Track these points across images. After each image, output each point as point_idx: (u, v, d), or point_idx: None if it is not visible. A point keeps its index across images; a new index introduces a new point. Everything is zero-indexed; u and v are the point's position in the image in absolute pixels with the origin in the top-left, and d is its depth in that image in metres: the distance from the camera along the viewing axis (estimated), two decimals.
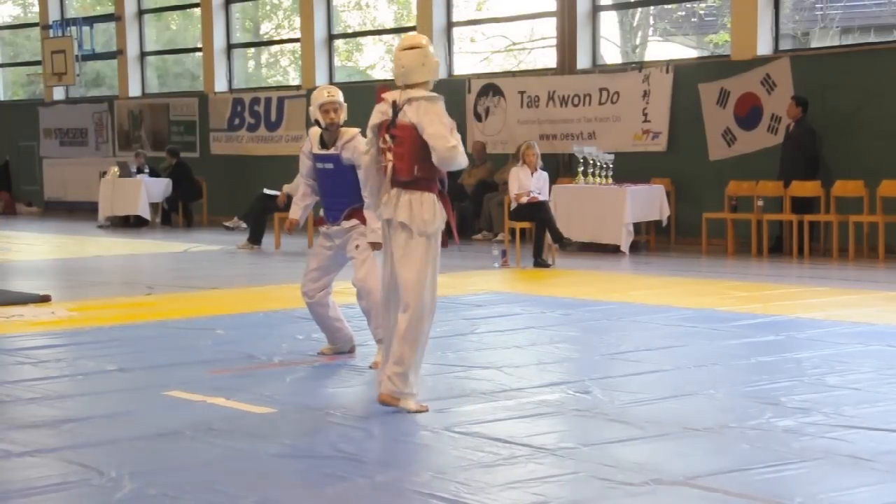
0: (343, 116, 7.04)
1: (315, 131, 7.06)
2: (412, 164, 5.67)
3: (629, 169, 14.62)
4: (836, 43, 15.71)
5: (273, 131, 19.54)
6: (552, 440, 5.19)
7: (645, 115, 15.08)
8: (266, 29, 22.84)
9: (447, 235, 5.86)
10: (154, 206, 19.29)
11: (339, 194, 7.00)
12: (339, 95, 7.08)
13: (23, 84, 25.41)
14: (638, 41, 18.22)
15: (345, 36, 19.98)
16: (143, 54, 22.09)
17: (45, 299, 9.88)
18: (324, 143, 7.00)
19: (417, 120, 5.64)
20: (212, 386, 6.34)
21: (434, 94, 5.74)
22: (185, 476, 4.65)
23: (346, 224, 7.01)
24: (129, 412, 5.83)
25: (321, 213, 7.19)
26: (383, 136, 5.78)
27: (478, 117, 16.83)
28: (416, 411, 5.63)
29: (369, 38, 20.46)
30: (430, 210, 5.71)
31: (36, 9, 24.07)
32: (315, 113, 6.96)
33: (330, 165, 6.98)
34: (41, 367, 7.04)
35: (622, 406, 5.79)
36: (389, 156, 5.72)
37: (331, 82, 18.99)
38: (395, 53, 5.81)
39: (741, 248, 13.79)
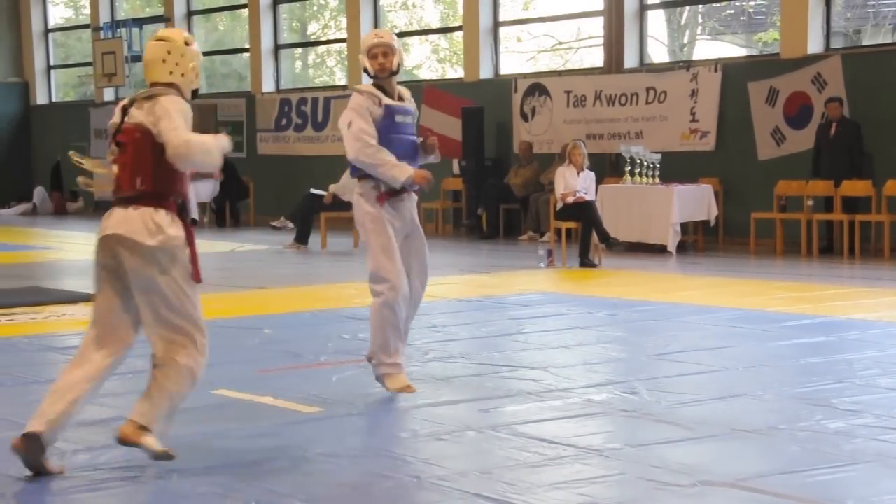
0: (396, 62, 5.96)
1: (366, 86, 6.04)
2: (134, 174, 4.66)
3: (676, 168, 14.53)
4: (889, 40, 15.51)
5: (320, 131, 19.62)
6: (599, 441, 5.17)
7: (693, 114, 14.98)
8: (313, 29, 22.95)
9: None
10: (202, 206, 19.44)
11: (416, 156, 6.13)
12: (392, 38, 6.03)
13: (74, 85, 25.71)
14: (686, 40, 18.10)
15: None
16: None
17: (94, 298, 9.96)
18: (387, 94, 5.99)
19: (143, 119, 4.64)
20: (259, 385, 6.37)
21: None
22: (233, 474, 4.68)
23: (412, 198, 6.19)
24: (178, 410, 5.86)
25: (381, 186, 6.03)
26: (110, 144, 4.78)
27: (524, 117, 16.80)
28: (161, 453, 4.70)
29: (416, 38, 20.48)
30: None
31: (87, 11, 24.35)
32: (364, 61, 5.97)
33: (410, 119, 6.07)
34: None
35: (670, 407, 5.75)
36: (114, 167, 4.74)
37: None
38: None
39: (790, 248, 13.66)
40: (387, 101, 5.93)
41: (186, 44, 4.81)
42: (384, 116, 5.93)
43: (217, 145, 4.68)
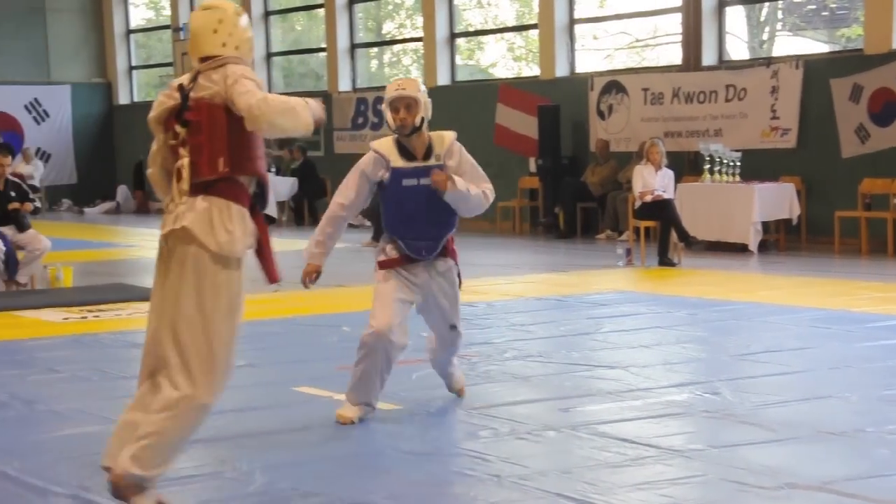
0: (420, 117, 5.39)
1: (384, 142, 5.54)
2: (214, 155, 4.12)
3: (757, 167, 14.32)
4: None
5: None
6: (681, 441, 5.11)
7: (773, 111, 14.75)
8: (388, 28, 23.04)
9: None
10: (280, 205, 19.61)
11: (436, 220, 5.54)
12: (416, 89, 5.41)
13: (155, 85, 26.10)
14: (766, 36, 17.83)
15: (466, 34, 20.01)
16: (269, 55, 22.48)
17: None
18: (406, 153, 5.49)
19: (216, 90, 4.13)
20: (339, 382, 6.39)
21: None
22: (313, 471, 4.71)
23: (440, 264, 5.64)
24: (259, 407, 5.92)
25: (387, 249, 5.63)
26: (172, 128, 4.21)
27: (601, 115, 16.69)
28: None
29: (491, 36, 20.44)
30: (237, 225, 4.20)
31: (167, 12, 24.72)
32: (385, 113, 5.43)
33: (422, 182, 5.44)
34: None
35: (753, 408, 5.66)
36: (183, 152, 4.16)
37: (452, 81, 19.07)
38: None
39: (876, 247, 13.38)
40: (396, 164, 5.43)
41: (237, 15, 4.29)
42: (390, 180, 5.45)
43: (304, 105, 4.14)
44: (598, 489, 4.39)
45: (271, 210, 19.25)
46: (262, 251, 4.37)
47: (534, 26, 18.24)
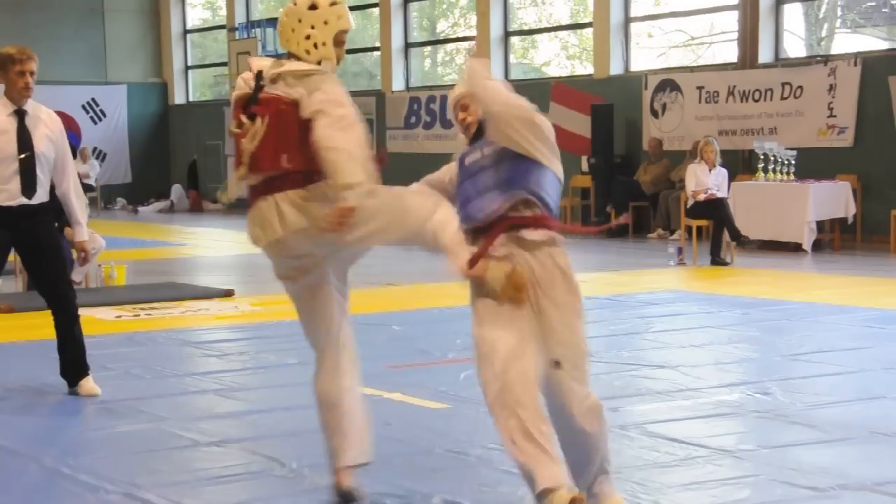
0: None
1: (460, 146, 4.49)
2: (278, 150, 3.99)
3: (813, 165, 14.15)
4: None
5: (448, 129, 19.71)
6: (731, 442, 5.07)
7: (830, 109, 14.57)
8: (442, 27, 23.05)
9: None
10: None
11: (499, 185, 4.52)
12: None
13: (210, 85, 26.34)
14: (824, 33, 17.61)
15: (521, 33, 19.98)
16: None
17: (228, 294, 10.21)
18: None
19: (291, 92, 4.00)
20: (388, 381, 6.42)
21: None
22: (362, 469, 4.72)
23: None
24: (309, 405, 5.90)
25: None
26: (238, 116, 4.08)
27: (654, 114, 16.58)
28: None
29: (545, 34, 20.39)
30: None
31: (223, 12, 24.93)
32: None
33: (479, 155, 4.54)
34: (225, 360, 7.27)
35: (805, 408, 5.60)
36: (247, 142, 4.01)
37: (506, 79, 19.03)
38: None
39: None
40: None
41: (333, 3, 4.06)
42: (458, 169, 4.37)
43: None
44: (647, 489, 4.37)
45: None
46: None
47: (588, 25, 18.17)
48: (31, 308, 9.40)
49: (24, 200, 5.97)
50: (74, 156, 23.42)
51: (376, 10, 21.35)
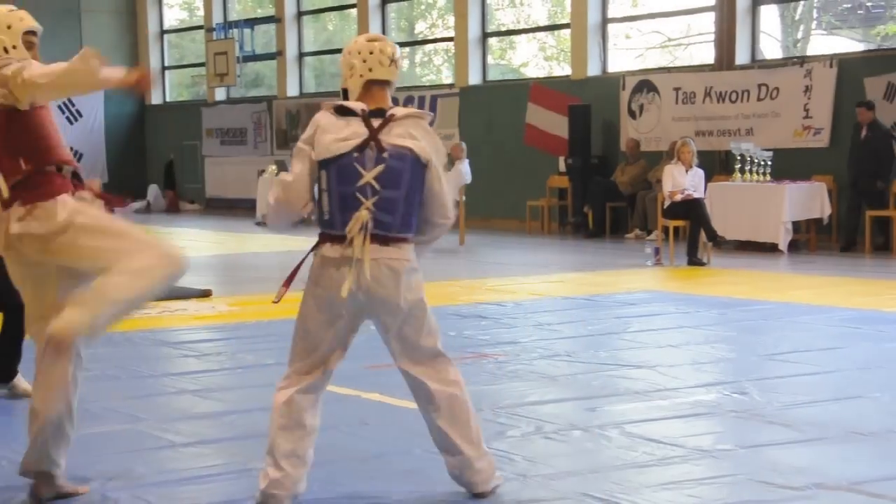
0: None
1: None
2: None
3: (789, 166, 14.23)
4: None
5: None
6: (708, 441, 5.09)
7: (806, 110, 14.66)
8: (420, 28, 23.06)
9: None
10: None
11: None
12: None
13: (187, 85, 26.26)
14: (800, 35, 17.71)
15: (499, 34, 20.00)
16: (301, 55, 22.56)
17: (206, 294, 10.17)
18: None
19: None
20: (367, 381, 6.41)
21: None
22: (340, 469, 4.72)
23: None
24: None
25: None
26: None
27: (632, 114, 16.63)
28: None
29: (523, 35, 20.43)
30: None
31: (201, 12, 24.85)
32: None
33: None
34: (203, 360, 7.24)
35: (781, 408, 5.63)
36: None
37: (484, 80, 19.06)
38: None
39: None
40: None
41: (11, 10, 4.40)
42: None
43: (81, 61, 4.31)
44: (624, 489, 4.38)
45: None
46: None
47: (566, 26, 18.21)
48: None
49: None
50: None
51: (354, 11, 21.33)
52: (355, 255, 4.06)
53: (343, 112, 4.18)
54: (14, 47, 4.29)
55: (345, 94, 4.33)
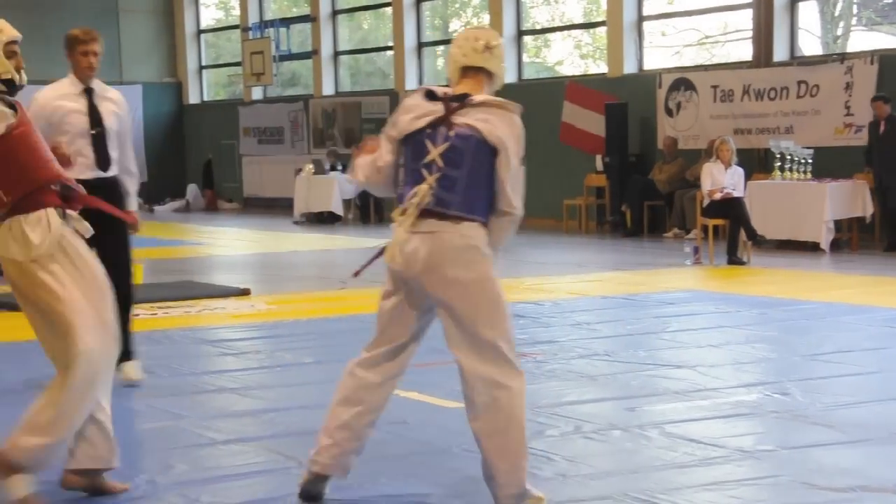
0: None
1: None
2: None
3: (830, 164, 14.09)
4: None
5: None
6: (750, 442, 5.04)
7: (847, 108, 14.50)
8: (455, 26, 23.04)
9: None
10: (346, 203, 19.71)
11: None
12: None
13: (224, 85, 26.38)
14: (840, 31, 17.54)
15: (534, 32, 19.94)
16: (336, 54, 22.61)
17: (244, 293, 10.21)
18: None
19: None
20: (406, 380, 6.38)
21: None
22: (378, 467, 4.72)
23: None
24: (325, 404, 5.93)
25: None
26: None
27: (669, 112, 16.54)
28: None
29: (558, 33, 20.36)
30: None
31: (237, 12, 24.96)
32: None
33: None
34: (242, 359, 7.28)
35: (824, 409, 5.57)
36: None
37: (519, 79, 19.02)
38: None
39: None
40: None
41: None
42: None
43: None
44: (665, 489, 4.35)
45: (336, 208, 19.35)
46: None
47: (602, 23, 18.14)
48: None
49: (100, 173, 6.19)
50: None
51: (389, 10, 21.35)
52: (406, 228, 4.12)
53: (431, 97, 4.25)
54: None
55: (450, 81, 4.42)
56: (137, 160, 6.94)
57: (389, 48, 21.65)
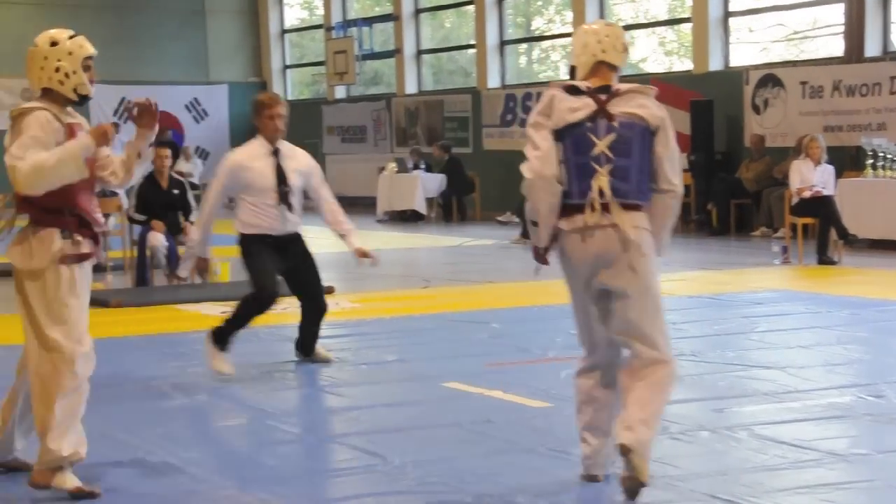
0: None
1: None
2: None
3: None
4: None
5: None
6: (843, 445, 4.93)
7: None
8: (538, 24, 22.96)
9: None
10: (429, 201, 19.75)
11: None
12: None
13: (307, 84, 26.61)
14: None
15: None
16: (418, 52, 22.67)
17: (328, 291, 10.24)
18: None
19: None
20: (488, 378, 6.39)
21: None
22: (464, 466, 4.70)
23: None
24: (410, 402, 5.96)
25: None
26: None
27: (756, 109, 16.28)
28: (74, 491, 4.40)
29: (642, 30, 20.17)
30: None
31: (320, 11, 25.16)
32: None
33: None
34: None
35: None
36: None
37: None
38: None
39: None
40: None
41: (52, 44, 4.50)
42: None
43: (67, 151, 4.38)
44: (754, 492, 4.27)
45: (419, 206, 19.40)
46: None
47: (687, 20, 17.93)
48: (141, 303, 9.60)
49: (285, 229, 6.72)
50: (177, 155, 23.85)
51: (471, 8, 21.33)
52: (597, 223, 4.19)
53: (572, 91, 4.33)
54: (74, 72, 4.48)
55: (572, 72, 4.49)
56: (223, 159, 7.18)
57: (472, 46, 21.64)
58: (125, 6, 24.21)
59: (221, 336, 6.60)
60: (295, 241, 6.86)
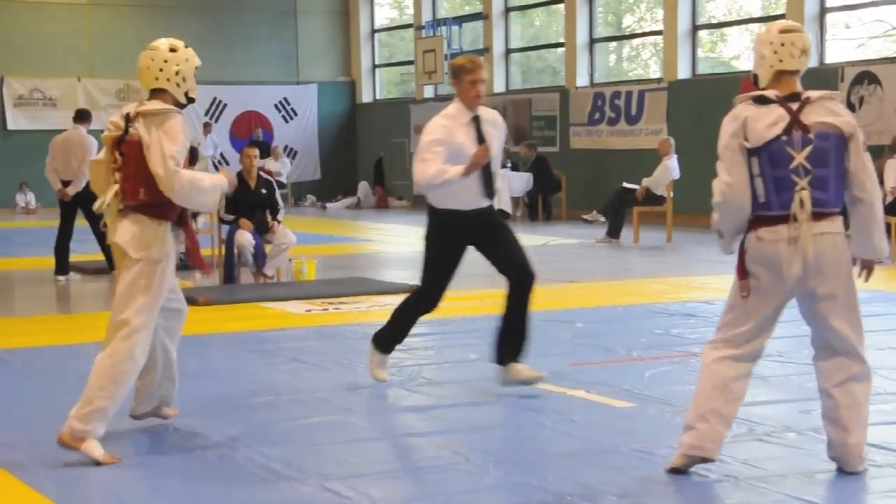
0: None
1: None
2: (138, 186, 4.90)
3: None
4: None
5: (633, 125, 19.47)
6: None
7: None
8: (628, 22, 22.79)
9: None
10: (515, 200, 19.72)
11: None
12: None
13: (396, 83, 26.76)
14: None
15: (709, 27, 19.54)
16: (508, 51, 22.65)
17: (411, 289, 10.30)
18: None
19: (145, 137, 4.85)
20: (571, 378, 6.37)
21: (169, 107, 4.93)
22: (546, 466, 4.70)
23: None
24: (492, 401, 5.96)
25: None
26: (113, 152, 4.99)
27: (851, 107, 15.95)
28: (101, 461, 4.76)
29: (735, 27, 19.89)
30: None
31: (410, 11, 25.29)
32: None
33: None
34: (410, 354, 7.35)
35: None
36: (118, 176, 4.97)
37: (693, 74, 18.68)
38: None
39: None
40: None
41: (172, 50, 4.99)
42: None
43: (212, 186, 4.95)
44: (841, 495, 4.20)
45: (506, 206, 19.36)
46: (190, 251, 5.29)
47: (781, 16, 17.64)
48: (228, 301, 9.75)
49: (483, 203, 6.18)
50: (267, 154, 24.15)
51: (561, 6, 21.26)
52: (802, 234, 4.32)
53: (761, 101, 4.44)
54: (185, 79, 4.98)
55: (755, 80, 4.62)
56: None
57: (561, 45, 21.56)
58: (218, 8, 24.60)
59: (383, 341, 6.37)
60: (489, 214, 6.22)
